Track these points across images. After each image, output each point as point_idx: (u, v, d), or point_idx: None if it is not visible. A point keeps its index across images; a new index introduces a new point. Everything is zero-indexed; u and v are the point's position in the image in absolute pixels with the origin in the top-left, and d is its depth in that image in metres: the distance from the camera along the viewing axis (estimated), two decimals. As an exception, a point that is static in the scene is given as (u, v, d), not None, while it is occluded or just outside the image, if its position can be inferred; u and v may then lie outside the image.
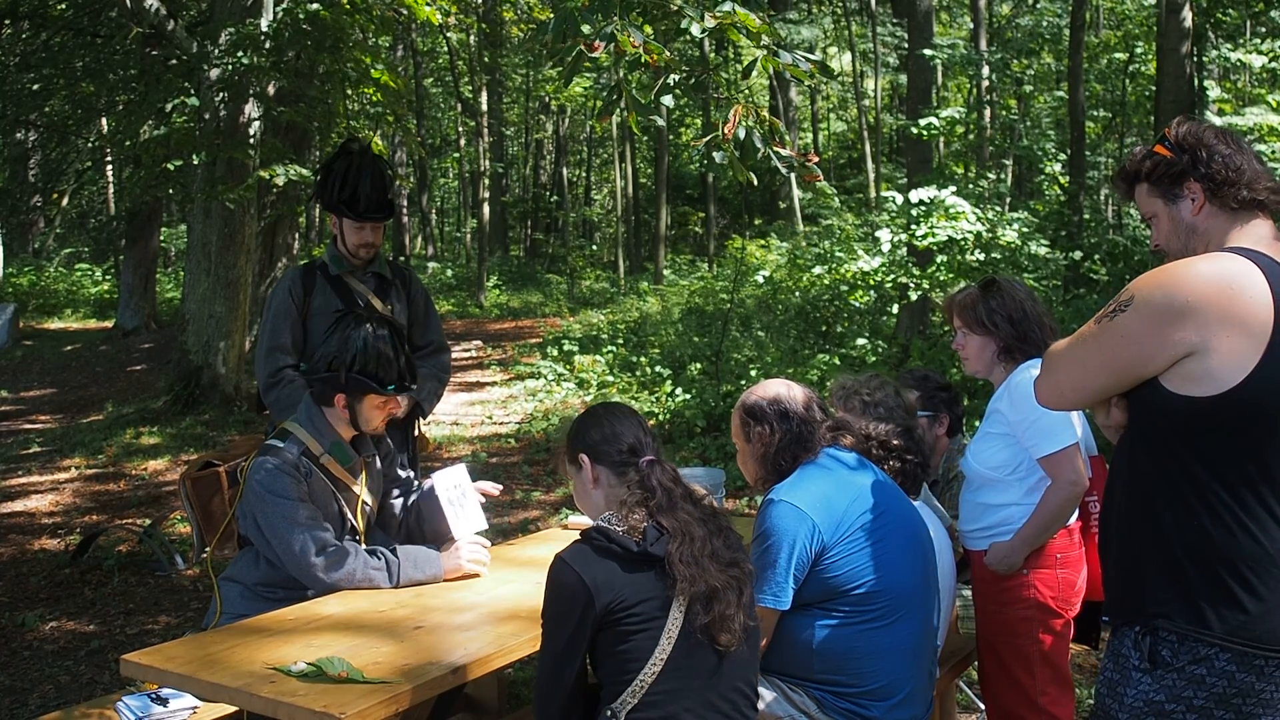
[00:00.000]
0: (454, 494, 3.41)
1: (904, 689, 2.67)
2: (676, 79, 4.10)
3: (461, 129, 24.37)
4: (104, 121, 14.87)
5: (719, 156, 3.81)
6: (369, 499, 3.37)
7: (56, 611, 5.45)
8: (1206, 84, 13.29)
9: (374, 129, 11.61)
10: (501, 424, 10.00)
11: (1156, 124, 11.95)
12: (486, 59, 21.44)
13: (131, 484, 7.98)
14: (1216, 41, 13.80)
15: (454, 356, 4.88)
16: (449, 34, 19.72)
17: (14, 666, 4.81)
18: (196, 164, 9.03)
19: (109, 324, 15.92)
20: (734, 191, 26.04)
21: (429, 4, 8.74)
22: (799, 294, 12.91)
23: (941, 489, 3.81)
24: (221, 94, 9.02)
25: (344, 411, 3.22)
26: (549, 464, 8.26)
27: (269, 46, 8.55)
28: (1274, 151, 10.28)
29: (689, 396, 9.56)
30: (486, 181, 22.06)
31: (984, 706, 3.42)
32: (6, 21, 13.07)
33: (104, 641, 5.06)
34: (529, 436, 9.33)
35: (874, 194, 18.58)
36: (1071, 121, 13.36)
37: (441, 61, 25.24)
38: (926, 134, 11.13)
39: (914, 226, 9.60)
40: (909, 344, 10.10)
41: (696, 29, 3.70)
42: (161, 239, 17.84)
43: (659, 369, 10.73)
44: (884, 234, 10.14)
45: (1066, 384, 2.13)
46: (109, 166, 19.36)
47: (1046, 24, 16.36)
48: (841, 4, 23.63)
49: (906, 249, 10.34)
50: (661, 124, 5.33)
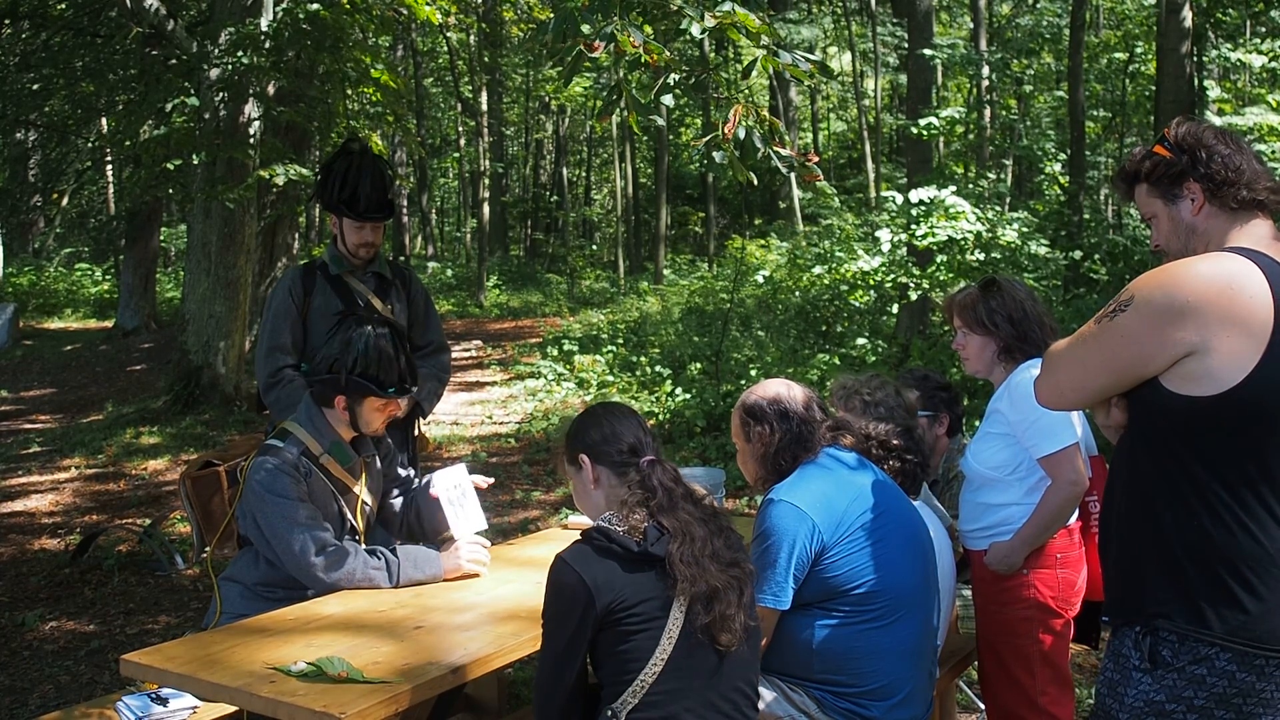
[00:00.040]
0: (454, 494, 3.41)
1: (904, 689, 2.67)
2: (676, 79, 4.10)
3: (461, 129, 24.37)
4: (104, 121, 14.88)
5: (719, 156, 3.82)
6: (369, 499, 3.37)
7: (56, 611, 5.45)
8: (1206, 84, 13.29)
9: (374, 129, 11.59)
10: (501, 424, 10.00)
11: (1156, 124, 11.95)
12: (486, 59, 21.44)
13: (131, 484, 7.98)
14: (1216, 41, 13.80)
15: (454, 356, 4.88)
16: (449, 34, 19.72)
17: (14, 666, 4.81)
18: (196, 164, 9.03)
19: (109, 324, 15.92)
20: (734, 191, 26.04)
21: (429, 4, 8.74)
22: (799, 294, 12.91)
23: (941, 489, 3.81)
24: (221, 94, 9.02)
25: (344, 413, 3.22)
26: (549, 464, 8.26)
27: (269, 46, 8.55)
28: (1274, 151, 10.27)
29: (689, 396, 9.56)
30: (486, 181, 22.06)
31: (984, 706, 3.42)
32: (6, 21, 13.07)
33: (104, 641, 5.06)
34: (529, 436, 9.33)
35: (874, 194, 18.57)
36: (1071, 121, 13.36)
37: (441, 61, 25.25)
38: (926, 134, 11.13)
39: (914, 226, 9.60)
40: (909, 344, 10.10)
41: (696, 29, 3.70)
42: (161, 239, 17.84)
43: (659, 369, 10.73)
44: (884, 234, 10.14)
45: (1067, 384, 2.13)
46: (109, 166, 19.36)
47: (1046, 24, 16.35)
48: (841, 4, 23.62)
49: (906, 249, 10.34)
50: (661, 124, 5.33)
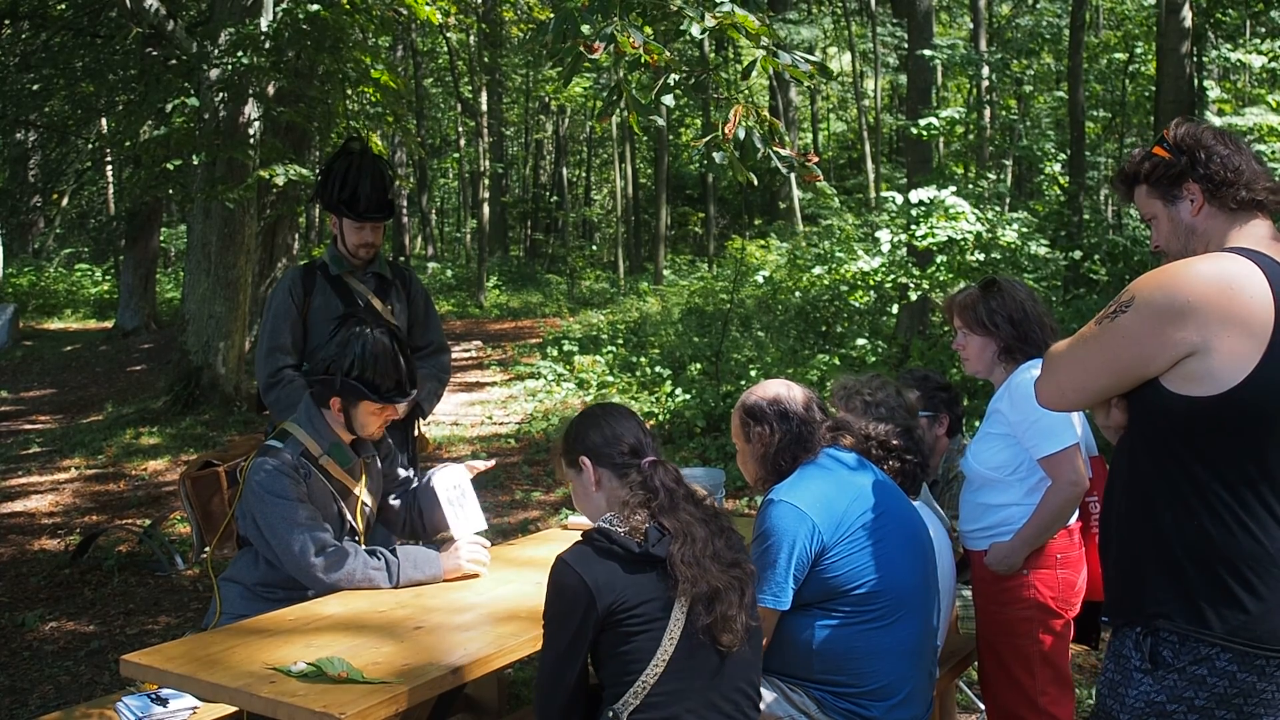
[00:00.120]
0: (453, 494, 3.41)
1: (904, 689, 2.67)
2: (676, 79, 4.10)
3: (461, 129, 24.36)
4: (104, 121, 14.87)
5: (719, 156, 3.81)
6: (369, 500, 3.37)
7: (56, 611, 5.45)
8: (1206, 84, 13.29)
9: (374, 129, 11.59)
10: (501, 424, 10.00)
11: (1156, 124, 11.95)
12: (486, 59, 21.44)
13: (131, 484, 7.98)
14: (1216, 41, 13.79)
15: (454, 356, 4.88)
16: (449, 34, 19.72)
17: (14, 666, 4.80)
18: (196, 164, 9.03)
19: (109, 324, 15.92)
20: (734, 191, 26.03)
21: (429, 4, 8.73)
22: (799, 294, 12.91)
23: (941, 489, 3.81)
24: (221, 94, 9.02)
25: (339, 415, 3.21)
26: (548, 464, 8.26)
27: (269, 46, 8.54)
28: (1274, 151, 10.27)
29: (689, 397, 9.56)
30: (486, 182, 22.06)
31: (984, 706, 3.42)
32: (6, 21, 13.06)
33: (104, 641, 5.06)
34: (529, 436, 9.33)
35: (874, 194, 18.57)
36: (1071, 121, 13.36)
37: (441, 61, 25.24)
38: (926, 134, 11.13)
39: (914, 227, 9.60)
40: (909, 344, 10.10)
41: (696, 29, 3.70)
42: (161, 239, 17.84)
43: (659, 369, 10.73)
44: (884, 234, 10.14)
45: (1067, 385, 2.13)
46: (109, 166, 19.35)
47: (1046, 24, 16.35)
48: (841, 4, 23.62)
49: (906, 249, 10.34)
50: (661, 124, 5.33)
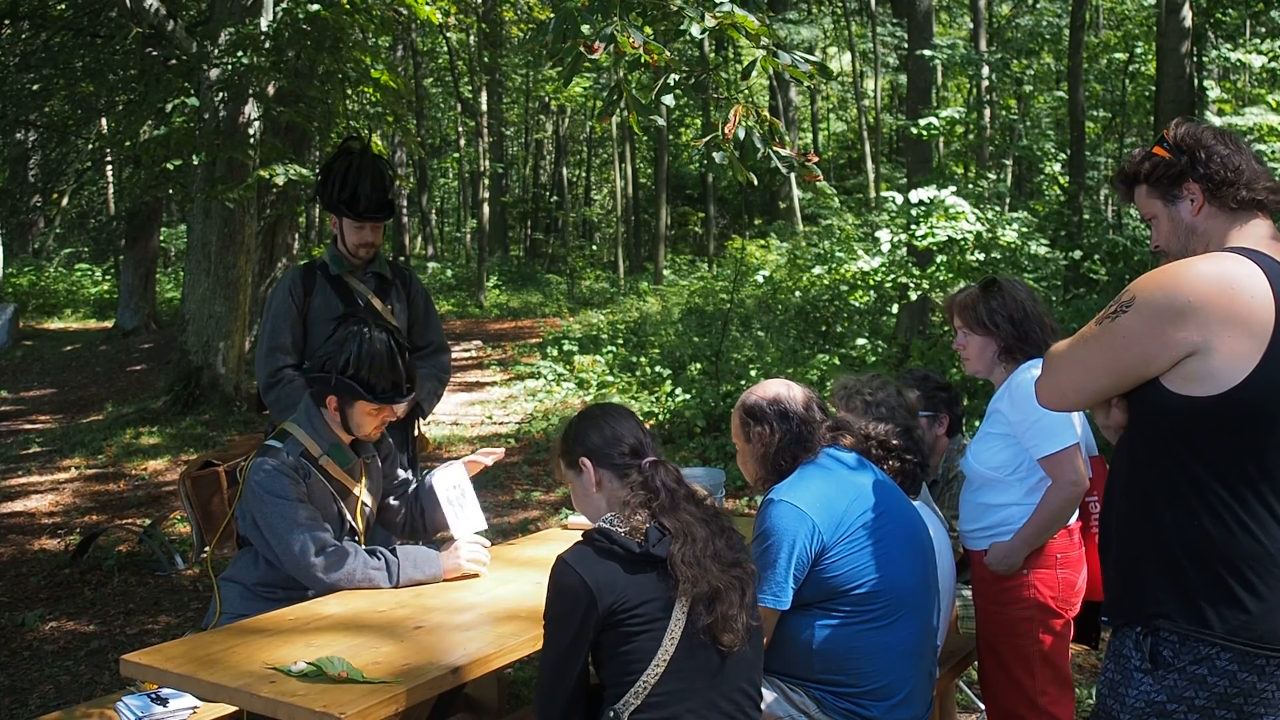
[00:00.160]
0: (453, 494, 3.41)
1: (904, 689, 2.67)
2: (676, 79, 4.10)
3: (461, 129, 24.37)
4: (104, 121, 14.87)
5: (719, 156, 3.81)
6: (369, 500, 3.37)
7: (56, 611, 5.45)
8: (1206, 84, 13.29)
9: (374, 129, 11.59)
10: (501, 424, 10.00)
11: (1156, 124, 11.94)
12: (486, 59, 21.44)
13: (131, 484, 7.98)
14: (1216, 41, 13.79)
15: (454, 356, 4.88)
16: (449, 34, 19.72)
17: (14, 666, 4.80)
18: (196, 164, 9.03)
19: (109, 324, 15.92)
20: (734, 191, 26.03)
21: (429, 3, 8.74)
22: (799, 294, 12.91)
23: (941, 489, 3.81)
24: (221, 94, 9.02)
25: (336, 414, 3.20)
26: (548, 464, 8.26)
27: (269, 46, 8.55)
28: (1274, 151, 10.27)
29: (689, 396, 9.56)
30: (486, 181, 22.07)
31: (984, 706, 3.42)
32: (6, 21, 13.06)
33: (104, 641, 5.06)
34: (529, 436, 9.33)
35: (874, 194, 18.57)
36: (1071, 121, 13.36)
37: (441, 61, 25.24)
38: (926, 134, 11.13)
39: (914, 226, 9.60)
40: (909, 344, 10.10)
41: (696, 29, 3.70)
42: (161, 239, 17.84)
43: (659, 369, 10.73)
44: (884, 234, 10.14)
45: (1068, 385, 2.13)
46: (109, 166, 19.35)
47: (1046, 24, 16.36)
48: (841, 4, 23.62)
49: (906, 249, 10.34)
50: (661, 124, 5.33)
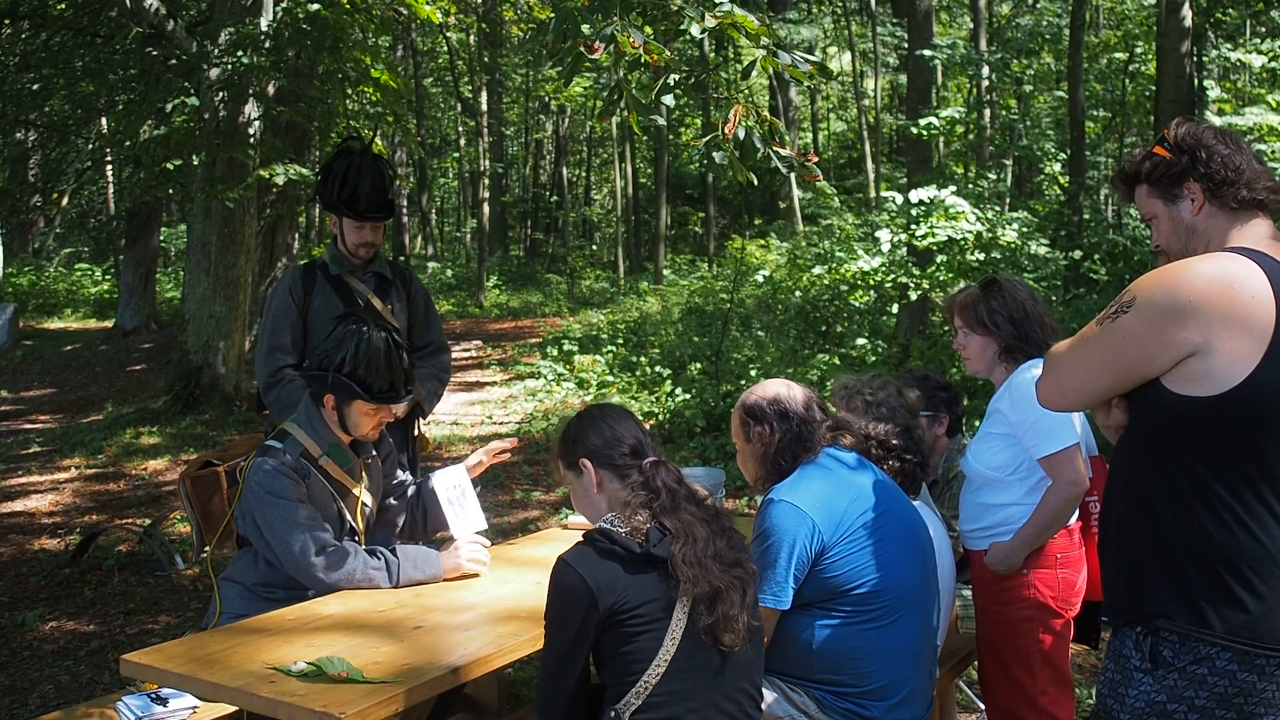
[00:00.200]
0: (454, 494, 3.41)
1: (904, 689, 2.67)
2: (676, 79, 4.10)
3: (461, 129, 24.37)
4: (104, 121, 14.87)
5: (719, 156, 3.81)
6: (369, 500, 3.36)
7: (56, 611, 5.45)
8: (1206, 84, 13.29)
9: (374, 129, 11.59)
10: (501, 424, 10.00)
11: (1156, 124, 11.94)
12: (486, 59, 21.44)
13: (131, 484, 7.98)
14: (1216, 41, 13.80)
15: (454, 356, 4.88)
16: (449, 34, 19.72)
17: (14, 666, 4.80)
18: (196, 164, 9.02)
19: (109, 324, 15.92)
20: (734, 191, 26.03)
21: (429, 3, 8.74)
22: (799, 294, 12.91)
23: (941, 489, 3.81)
24: (221, 94, 9.02)
25: (333, 413, 3.19)
26: (548, 465, 8.26)
27: (269, 46, 8.55)
28: (1274, 151, 10.27)
29: (689, 396, 9.56)
30: (486, 181, 22.07)
31: (984, 706, 3.42)
32: (6, 21, 13.06)
33: (104, 641, 5.06)
34: (529, 436, 9.33)
35: (874, 194, 18.57)
36: (1071, 121, 13.36)
37: (441, 61, 25.25)
38: (926, 134, 11.12)
39: (914, 226, 9.60)
40: (909, 344, 10.10)
41: (696, 29, 3.69)
42: (161, 239, 17.83)
43: (659, 369, 10.73)
44: (884, 234, 10.14)
45: (1069, 385, 2.13)
46: (109, 166, 19.36)
47: (1046, 24, 16.36)
48: (841, 4, 23.62)
49: (906, 249, 10.34)
50: (661, 124, 5.33)
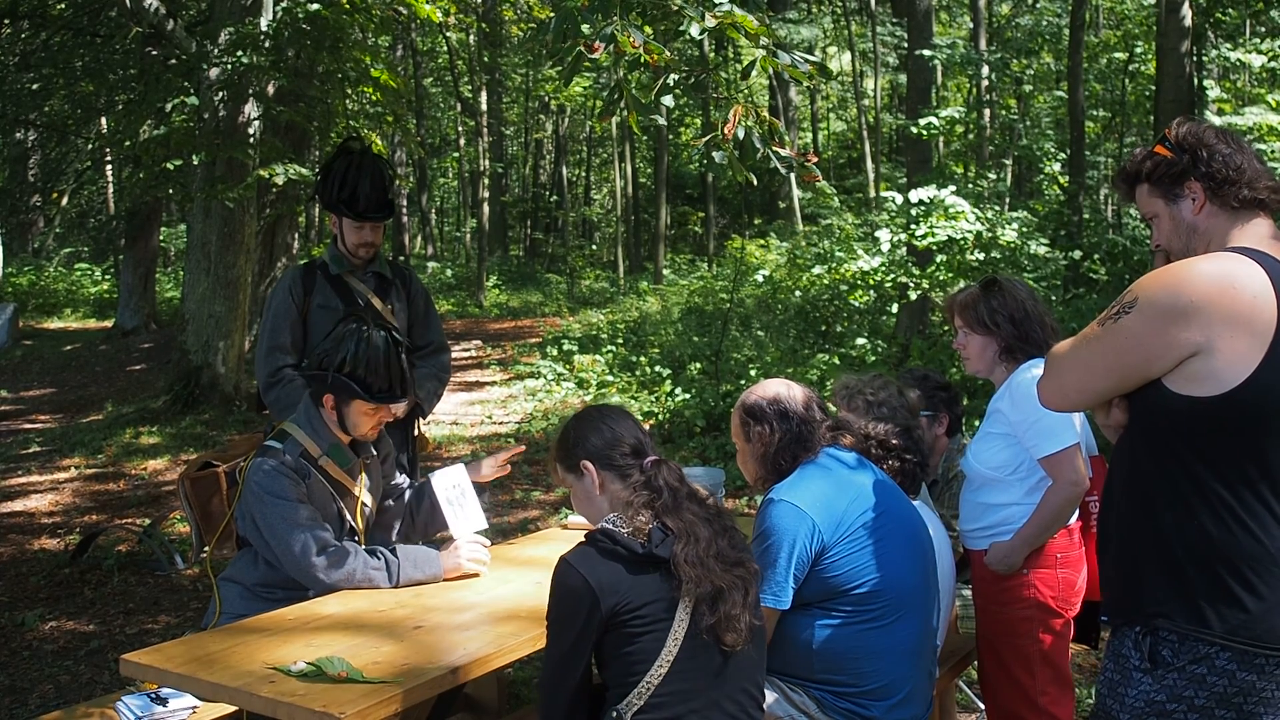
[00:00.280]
0: (453, 494, 3.40)
1: (904, 689, 2.67)
2: (676, 79, 4.10)
3: (461, 129, 24.37)
4: (104, 121, 14.87)
5: (719, 156, 3.81)
6: (368, 500, 3.36)
7: (56, 611, 5.45)
8: (1206, 83, 13.29)
9: (374, 129, 11.59)
10: (501, 424, 10.00)
11: (1156, 124, 11.95)
12: (486, 59, 21.43)
13: (131, 484, 7.98)
14: (1216, 41, 13.80)
15: (454, 356, 4.88)
16: (449, 34, 19.72)
17: (14, 666, 4.80)
18: (196, 164, 9.02)
19: (109, 324, 15.91)
20: (734, 191, 26.03)
21: (429, 2, 8.73)
22: (799, 294, 12.92)
23: (941, 489, 3.81)
24: (221, 94, 9.02)
25: (333, 413, 3.19)
26: (546, 466, 8.24)
27: (268, 46, 8.54)
28: (1273, 151, 10.28)
29: (689, 396, 9.56)
30: (486, 181, 22.07)
31: (984, 706, 3.42)
32: (6, 21, 13.06)
33: (104, 641, 5.05)
34: (529, 436, 9.33)
35: (874, 194, 18.58)
36: (1071, 121, 13.37)
37: (441, 61, 25.24)
38: (926, 134, 11.12)
39: (913, 226, 9.60)
40: (909, 344, 10.10)
41: (696, 29, 3.69)
42: (161, 239, 17.84)
43: (659, 369, 10.73)
44: (884, 234, 10.14)
45: (1071, 386, 2.12)
46: (109, 166, 19.35)
47: (1046, 24, 16.36)
48: (841, 4, 23.62)
49: (906, 249, 10.34)
50: (662, 124, 5.33)
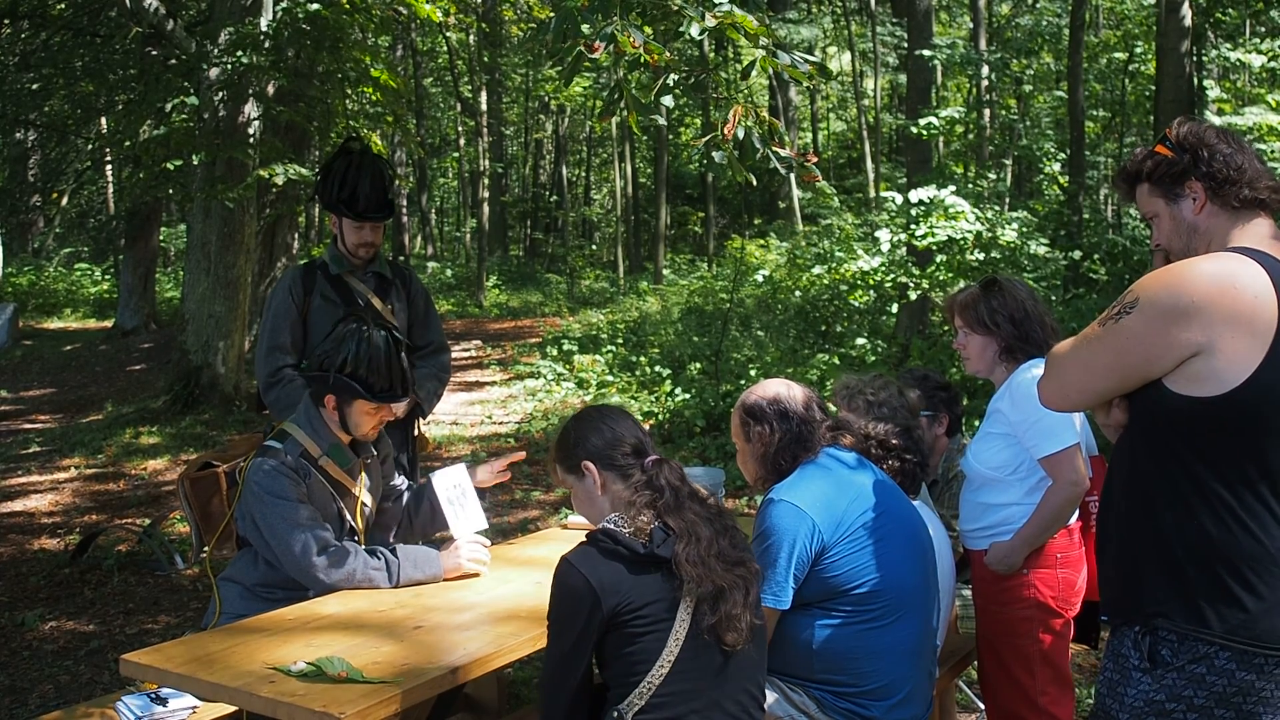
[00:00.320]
0: (454, 493, 3.40)
1: (904, 689, 2.67)
2: (676, 79, 4.10)
3: (461, 129, 24.36)
4: (104, 121, 14.86)
5: (718, 156, 3.81)
6: (368, 500, 3.36)
7: (56, 611, 5.45)
8: (1206, 83, 13.29)
9: (374, 129, 11.59)
10: (501, 424, 9.99)
11: (1156, 124, 11.95)
12: (486, 59, 21.43)
13: (131, 484, 7.98)
14: (1216, 41, 13.80)
15: (454, 356, 4.88)
16: (448, 33, 19.72)
17: (14, 666, 4.80)
18: (196, 164, 9.02)
19: (109, 324, 15.91)
20: (734, 191, 26.03)
21: (429, 2, 8.73)
22: (799, 293, 12.92)
23: (941, 489, 3.81)
24: (221, 94, 9.01)
25: (334, 413, 3.20)
26: (545, 466, 8.24)
27: (268, 46, 8.54)
28: (1273, 151, 10.28)
29: (689, 396, 9.56)
30: (486, 181, 22.07)
31: (984, 706, 3.42)
32: (6, 21, 13.06)
33: (104, 641, 5.05)
34: (528, 436, 9.33)
35: (873, 194, 18.58)
36: (1071, 121, 13.37)
37: (441, 61, 25.24)
38: (926, 134, 11.13)
39: (913, 226, 9.60)
40: (909, 344, 10.10)
41: (696, 29, 3.69)
42: (161, 239, 17.84)
43: (659, 369, 10.73)
44: (883, 234, 10.14)
45: (1071, 386, 2.12)
46: (109, 166, 19.35)
47: (1046, 24, 16.36)
48: (841, 4, 23.62)
49: (906, 249, 10.34)
50: (661, 124, 5.33)
